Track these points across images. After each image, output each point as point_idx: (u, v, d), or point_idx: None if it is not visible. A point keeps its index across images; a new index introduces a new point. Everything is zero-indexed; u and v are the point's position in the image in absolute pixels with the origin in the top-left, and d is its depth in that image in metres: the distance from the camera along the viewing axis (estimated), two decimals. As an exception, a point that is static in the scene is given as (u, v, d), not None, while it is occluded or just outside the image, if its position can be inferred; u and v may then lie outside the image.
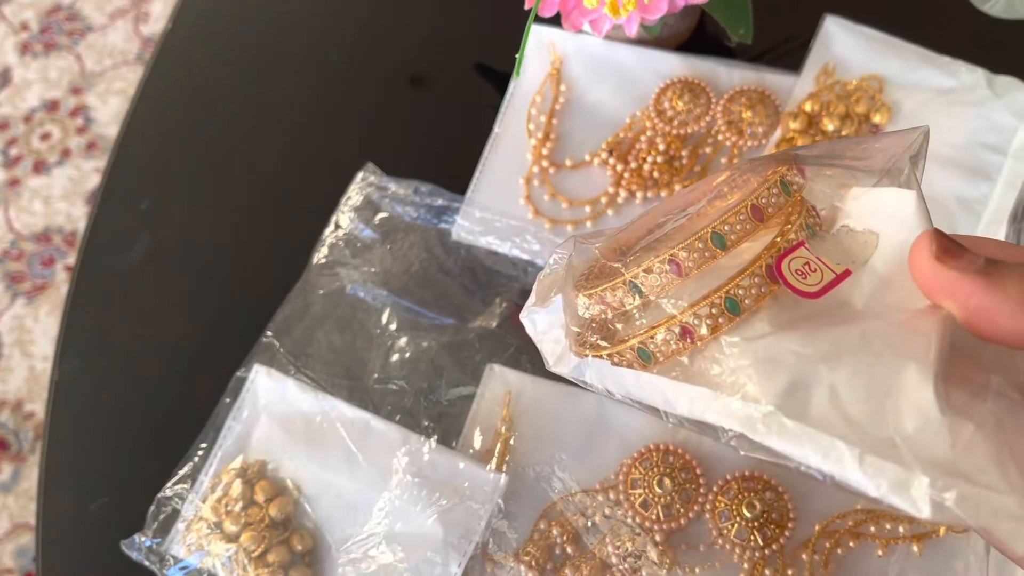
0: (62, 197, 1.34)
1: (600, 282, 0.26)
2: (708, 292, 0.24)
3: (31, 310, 1.26)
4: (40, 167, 1.36)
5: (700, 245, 0.24)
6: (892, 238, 0.25)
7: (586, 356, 0.26)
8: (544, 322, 0.28)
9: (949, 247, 0.22)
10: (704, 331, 0.24)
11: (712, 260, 0.24)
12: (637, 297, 0.25)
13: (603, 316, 0.26)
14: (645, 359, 0.25)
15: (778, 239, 0.24)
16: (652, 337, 0.24)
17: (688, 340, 0.24)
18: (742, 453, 0.23)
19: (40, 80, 1.43)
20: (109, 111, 1.39)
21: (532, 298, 0.29)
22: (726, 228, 0.24)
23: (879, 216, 0.25)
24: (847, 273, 0.24)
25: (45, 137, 1.39)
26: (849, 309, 0.24)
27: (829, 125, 0.50)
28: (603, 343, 0.26)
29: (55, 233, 1.31)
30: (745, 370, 0.23)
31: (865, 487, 0.21)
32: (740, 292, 0.24)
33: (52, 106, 1.41)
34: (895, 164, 0.25)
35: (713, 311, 0.24)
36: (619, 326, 0.26)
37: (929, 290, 0.23)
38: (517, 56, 0.36)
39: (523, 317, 0.29)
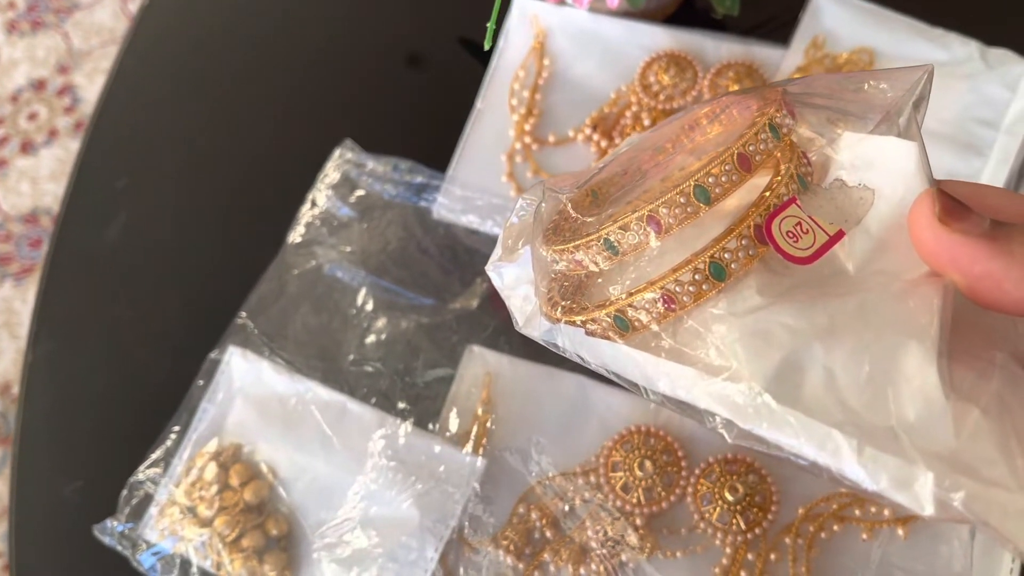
0: (50, 177, 1.32)
1: (571, 237, 0.24)
2: (691, 256, 0.21)
3: (19, 292, 1.25)
4: (27, 147, 1.35)
5: (681, 200, 0.22)
6: (889, 194, 0.22)
7: (558, 322, 0.24)
8: (511, 276, 0.26)
9: (953, 208, 0.20)
10: (686, 299, 0.22)
11: (694, 216, 0.22)
12: (612, 256, 0.23)
13: (575, 274, 0.24)
14: (622, 327, 0.22)
15: (767, 194, 0.22)
16: (630, 304, 0.22)
17: (669, 308, 0.22)
18: (730, 441, 0.21)
19: (27, 59, 1.42)
20: (96, 90, 1.38)
21: (498, 250, 0.27)
22: (710, 180, 0.22)
23: (875, 169, 0.23)
24: (841, 234, 0.22)
25: (32, 117, 1.37)
26: (843, 276, 0.22)
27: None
28: (575, 306, 0.24)
29: (43, 214, 1.30)
30: (732, 346, 0.21)
31: (863, 481, 0.19)
32: (726, 256, 0.21)
33: (39, 85, 1.39)
34: (894, 107, 0.23)
35: (696, 277, 0.21)
36: (592, 289, 0.24)
37: (929, 255, 0.21)
38: (489, 24, 0.34)
39: (489, 269, 0.27)
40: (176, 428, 0.48)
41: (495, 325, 0.47)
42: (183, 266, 0.55)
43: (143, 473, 0.47)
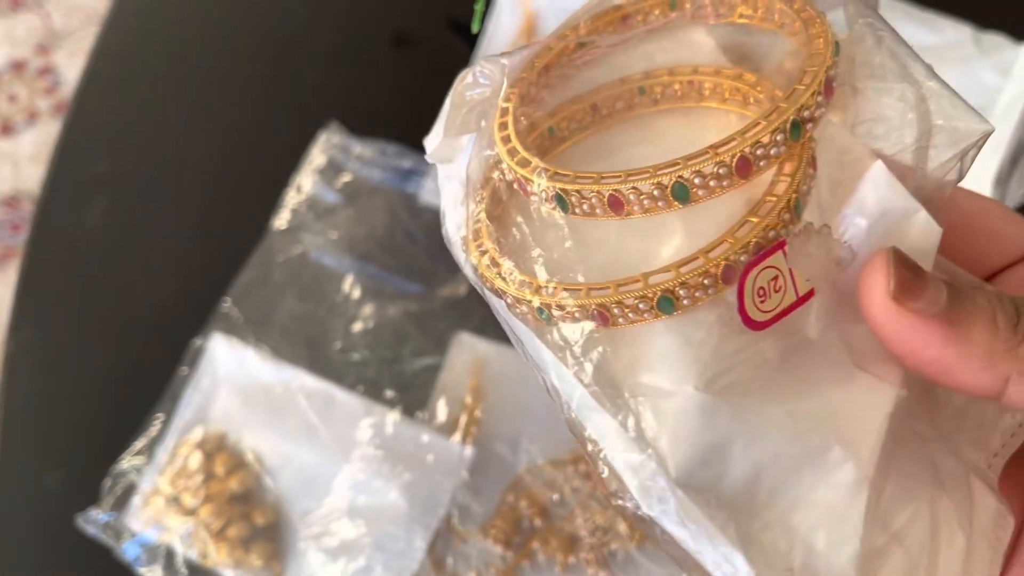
0: (31, 160, 1.31)
1: (522, 167, 0.20)
2: (639, 275, 0.18)
3: (1, 277, 1.24)
4: (8, 130, 1.33)
5: (655, 192, 0.18)
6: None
7: (480, 275, 0.20)
8: (447, 167, 0.22)
9: (909, 283, 0.17)
10: (622, 321, 0.18)
11: (664, 210, 0.18)
12: (558, 215, 0.19)
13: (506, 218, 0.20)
14: (545, 319, 0.19)
15: (754, 220, 0.18)
16: (559, 303, 0.18)
17: (601, 323, 0.18)
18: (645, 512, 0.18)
19: (6, 40, 1.39)
20: (78, 71, 1.35)
21: (442, 119, 0.21)
22: (696, 180, 0.18)
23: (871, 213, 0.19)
24: (809, 295, 0.19)
25: (12, 99, 1.35)
26: (801, 347, 0.19)
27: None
28: (496, 266, 0.19)
29: (24, 198, 1.28)
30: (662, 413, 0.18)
31: None
32: (681, 292, 0.18)
33: (19, 66, 1.37)
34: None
35: (640, 304, 0.18)
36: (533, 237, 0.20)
37: (879, 332, 0.18)
38: (476, 6, 0.34)
39: (427, 140, 0.22)
40: (160, 416, 0.47)
41: (484, 312, 0.47)
42: (166, 251, 0.54)
43: (127, 462, 0.47)
